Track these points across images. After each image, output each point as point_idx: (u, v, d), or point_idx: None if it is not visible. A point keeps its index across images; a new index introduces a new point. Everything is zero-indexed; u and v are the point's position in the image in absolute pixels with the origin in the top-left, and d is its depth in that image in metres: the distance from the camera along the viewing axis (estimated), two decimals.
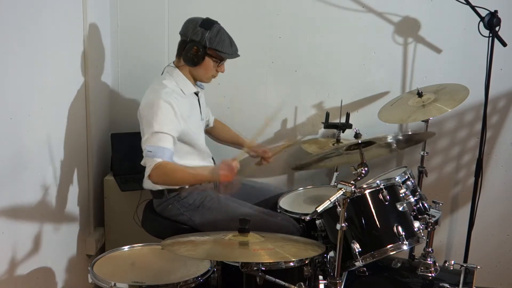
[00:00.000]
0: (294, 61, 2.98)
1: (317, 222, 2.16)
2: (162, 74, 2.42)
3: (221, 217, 2.34)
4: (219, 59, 2.32)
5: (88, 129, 2.67)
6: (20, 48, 2.01)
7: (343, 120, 2.84)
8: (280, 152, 2.69)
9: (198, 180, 2.28)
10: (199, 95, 2.46)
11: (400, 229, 1.93)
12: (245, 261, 1.82)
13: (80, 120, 2.60)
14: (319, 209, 1.77)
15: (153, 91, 2.29)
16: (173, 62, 2.40)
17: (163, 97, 2.23)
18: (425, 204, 2.12)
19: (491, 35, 2.59)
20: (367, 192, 1.97)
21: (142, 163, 2.23)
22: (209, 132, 2.76)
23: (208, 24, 2.28)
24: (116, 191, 2.79)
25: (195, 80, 2.41)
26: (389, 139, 2.18)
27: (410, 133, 2.09)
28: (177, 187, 2.34)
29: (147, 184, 2.42)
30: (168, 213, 2.40)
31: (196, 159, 2.40)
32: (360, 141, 2.04)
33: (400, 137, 2.21)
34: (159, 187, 2.36)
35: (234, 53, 2.34)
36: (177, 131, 2.25)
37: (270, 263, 1.96)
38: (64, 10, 2.38)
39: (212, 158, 2.55)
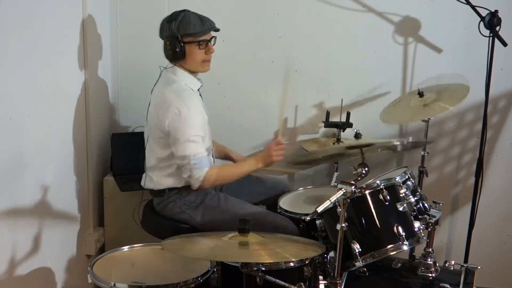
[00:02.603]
0: (294, 61, 2.98)
1: (317, 222, 2.16)
2: (160, 76, 2.40)
3: (222, 216, 2.34)
4: (198, 42, 2.29)
5: (88, 129, 2.67)
6: (20, 49, 2.01)
7: (344, 119, 2.84)
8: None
9: (248, 173, 2.40)
10: (200, 90, 2.46)
11: (400, 229, 1.93)
12: (245, 261, 1.82)
13: (80, 120, 2.60)
14: (319, 209, 1.77)
15: (172, 97, 2.26)
16: (169, 63, 2.39)
17: (186, 101, 2.25)
18: (426, 204, 2.12)
19: (491, 35, 2.59)
20: (367, 192, 1.97)
21: (185, 176, 2.28)
22: None
23: (172, 16, 2.29)
24: (116, 191, 2.79)
25: (194, 72, 2.39)
26: (395, 142, 2.17)
27: (411, 141, 2.10)
28: (179, 185, 2.35)
29: (148, 183, 2.42)
30: (168, 212, 2.39)
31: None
32: (360, 145, 2.03)
33: (401, 143, 2.21)
34: (160, 186, 2.36)
35: (207, 29, 2.30)
36: (204, 128, 2.31)
37: (270, 263, 1.95)
38: (63, 9, 2.38)
39: (212, 155, 2.54)
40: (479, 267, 2.04)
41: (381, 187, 1.98)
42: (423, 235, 1.99)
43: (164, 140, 2.30)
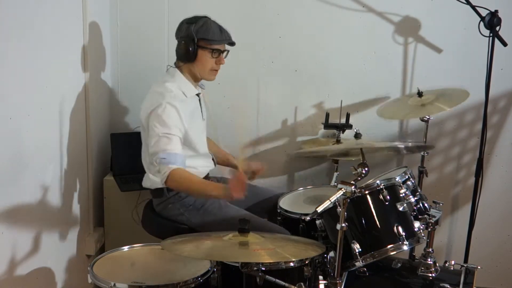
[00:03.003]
0: (294, 61, 2.98)
1: (317, 222, 2.16)
2: (166, 71, 2.41)
3: (221, 222, 2.33)
4: (211, 49, 2.30)
5: (88, 129, 2.67)
6: (20, 49, 2.01)
7: (343, 120, 2.84)
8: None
9: (208, 196, 2.29)
10: (200, 96, 2.46)
11: (400, 229, 1.93)
12: (245, 261, 1.82)
13: (80, 120, 2.60)
14: (319, 209, 1.77)
15: (156, 94, 2.28)
16: (174, 63, 2.40)
17: (168, 100, 2.23)
18: (426, 204, 2.12)
19: (491, 35, 2.59)
20: (367, 192, 1.97)
21: (150, 169, 2.25)
22: None
23: (194, 19, 2.30)
24: (116, 191, 2.79)
25: (198, 79, 2.40)
26: (397, 145, 2.17)
27: (410, 145, 2.11)
28: None
29: (147, 182, 2.41)
30: (167, 213, 2.39)
31: (197, 162, 2.40)
32: (360, 148, 2.03)
33: (402, 146, 2.21)
34: (159, 186, 2.36)
35: (225, 39, 2.32)
36: (182, 133, 2.26)
37: (270, 263, 1.95)
38: (63, 10, 2.38)
39: (213, 159, 2.54)
40: (479, 267, 2.04)
41: (381, 187, 1.98)
42: (423, 235, 1.99)
43: None
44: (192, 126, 2.34)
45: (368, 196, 1.97)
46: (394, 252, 1.94)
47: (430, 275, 2.04)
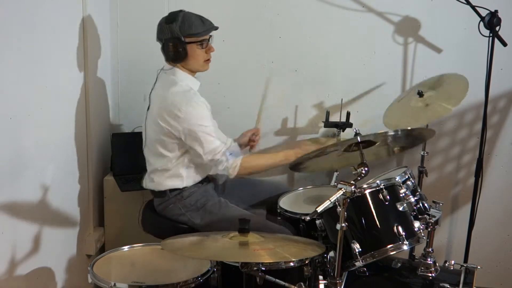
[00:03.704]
0: (294, 61, 2.98)
1: (317, 222, 2.16)
2: (157, 78, 2.39)
3: (221, 221, 2.33)
4: (200, 42, 2.30)
5: (88, 129, 2.67)
6: (20, 49, 2.01)
7: (344, 119, 2.84)
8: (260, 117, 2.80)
9: (277, 165, 2.45)
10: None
11: (400, 229, 1.93)
12: (245, 261, 1.82)
13: (80, 120, 2.60)
14: (319, 209, 1.77)
15: (177, 95, 2.26)
16: (170, 64, 2.38)
17: (192, 98, 2.27)
18: (425, 204, 2.12)
19: (491, 35, 2.59)
20: (367, 192, 1.97)
21: (221, 170, 2.32)
22: None
23: (171, 17, 2.29)
24: (116, 191, 2.79)
25: (194, 73, 2.40)
26: (389, 133, 2.15)
27: (409, 128, 2.08)
28: (180, 186, 2.36)
29: (148, 184, 2.42)
30: (168, 213, 2.39)
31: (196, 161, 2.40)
32: (358, 138, 2.02)
33: (399, 134, 2.19)
34: (161, 187, 2.36)
35: (209, 29, 2.31)
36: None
37: (270, 263, 1.95)
38: (63, 10, 2.38)
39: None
40: (479, 267, 2.05)
41: (381, 187, 1.98)
42: (423, 235, 1.99)
43: (172, 143, 2.30)
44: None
45: (368, 196, 1.97)
46: (394, 252, 1.94)
47: (430, 275, 2.05)
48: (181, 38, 2.25)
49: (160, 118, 2.27)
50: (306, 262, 2.01)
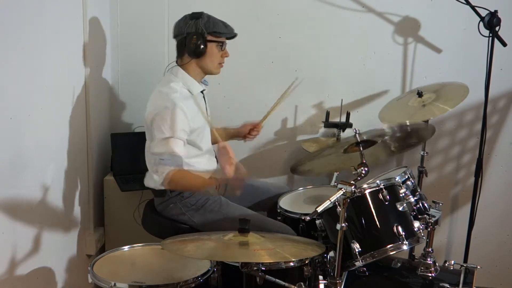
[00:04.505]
0: (294, 61, 2.98)
1: (317, 222, 2.16)
2: (164, 74, 2.41)
3: (222, 220, 2.33)
4: (220, 42, 2.33)
5: (88, 129, 2.67)
6: (20, 48, 2.01)
7: (343, 119, 2.84)
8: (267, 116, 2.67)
9: (206, 187, 2.27)
10: (204, 92, 2.46)
11: (400, 229, 1.93)
12: (245, 261, 1.82)
13: (80, 120, 2.60)
14: (319, 209, 1.77)
15: (162, 94, 2.28)
16: (176, 62, 2.39)
17: (174, 101, 2.23)
18: (425, 204, 2.12)
19: (491, 35, 2.59)
20: (367, 192, 1.97)
21: (151, 168, 2.25)
22: None
23: (196, 14, 2.31)
24: (116, 191, 2.79)
25: (204, 74, 2.40)
26: (386, 130, 2.16)
27: (408, 124, 2.08)
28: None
29: (150, 182, 2.41)
30: (168, 213, 2.39)
31: (201, 161, 2.40)
32: (358, 138, 2.02)
33: (398, 133, 2.19)
34: (161, 186, 2.36)
35: (231, 32, 2.36)
36: (187, 134, 2.27)
37: (270, 263, 1.95)
38: (64, 9, 2.38)
39: (215, 157, 2.55)
40: (478, 267, 2.04)
41: (381, 187, 1.98)
42: (422, 235, 1.99)
43: None
44: (197, 124, 2.34)
45: (368, 196, 1.97)
46: (394, 252, 1.94)
47: (429, 274, 2.05)
48: (204, 34, 2.28)
49: (146, 112, 2.30)
50: (306, 262, 2.01)
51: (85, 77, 2.62)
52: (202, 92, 2.44)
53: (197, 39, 2.28)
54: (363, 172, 1.93)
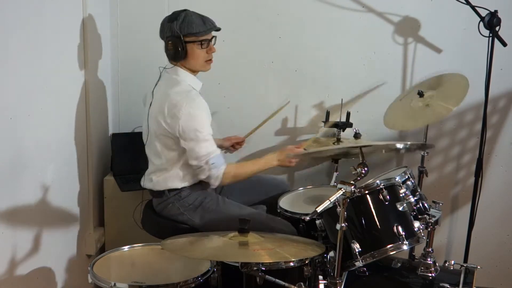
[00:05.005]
0: (294, 61, 2.98)
1: (317, 222, 2.16)
2: (160, 76, 2.39)
3: (220, 218, 2.34)
4: (200, 41, 2.30)
5: (88, 129, 2.67)
6: (20, 49, 2.01)
7: (344, 119, 2.84)
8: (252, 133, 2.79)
9: (260, 171, 2.43)
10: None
11: (400, 229, 1.93)
12: (245, 261, 1.82)
13: (80, 120, 2.60)
14: (319, 209, 1.77)
15: (179, 94, 2.26)
16: (172, 63, 2.38)
17: (194, 98, 2.26)
18: (425, 204, 2.12)
19: (491, 35, 2.59)
20: (367, 192, 1.97)
21: (203, 177, 2.32)
22: None
23: (173, 16, 2.30)
24: (116, 191, 2.80)
25: (195, 73, 2.39)
26: (398, 146, 2.16)
27: (408, 145, 2.09)
28: (179, 186, 2.36)
29: (147, 183, 2.42)
30: (167, 213, 2.40)
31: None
32: (360, 147, 2.02)
33: (400, 146, 2.20)
34: (159, 187, 2.36)
35: (209, 29, 2.31)
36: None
37: (270, 263, 1.95)
38: (64, 9, 2.38)
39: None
40: (478, 267, 2.04)
41: (381, 187, 1.98)
42: (422, 235, 1.99)
43: (171, 142, 2.30)
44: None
45: (368, 196, 1.97)
46: (394, 252, 1.93)
47: (429, 275, 2.04)
48: (180, 37, 2.25)
49: (160, 115, 2.27)
50: (306, 262, 2.01)
51: (85, 77, 2.62)
52: None
53: (174, 44, 2.27)
54: (363, 172, 1.93)
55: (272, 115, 2.80)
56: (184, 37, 2.26)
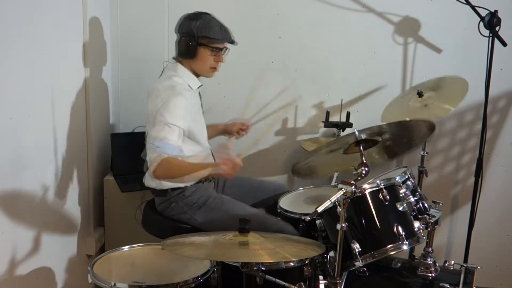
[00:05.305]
0: (294, 61, 2.98)
1: (317, 222, 2.16)
2: (162, 71, 2.41)
3: (223, 218, 2.33)
4: (213, 47, 2.31)
5: (88, 129, 2.67)
6: (20, 49, 2.01)
7: (343, 119, 2.84)
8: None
9: (199, 176, 2.26)
10: (199, 89, 2.46)
11: (400, 229, 1.93)
12: (245, 261, 1.82)
13: (80, 120, 2.60)
14: (319, 209, 1.77)
15: (167, 87, 2.28)
16: (174, 58, 2.39)
17: (179, 91, 2.24)
18: (425, 204, 2.12)
19: (491, 35, 2.59)
20: (367, 192, 1.97)
21: (144, 156, 2.25)
22: None
23: (195, 15, 2.30)
24: (116, 191, 2.80)
25: (197, 75, 2.40)
26: (384, 128, 2.13)
27: (408, 120, 2.06)
28: (182, 185, 2.35)
29: (149, 182, 2.41)
30: (170, 212, 2.39)
31: (199, 158, 2.40)
32: (356, 134, 2.01)
33: (396, 128, 2.18)
34: (162, 186, 2.36)
35: (226, 38, 2.32)
36: (187, 126, 2.27)
37: (270, 263, 1.95)
38: (64, 9, 2.38)
39: (212, 154, 2.55)
40: (478, 267, 2.05)
41: (381, 187, 1.98)
42: (422, 235, 1.99)
43: None
44: (196, 119, 2.36)
45: (368, 196, 1.97)
46: (394, 252, 1.94)
47: (429, 275, 2.05)
48: (195, 37, 2.27)
49: (148, 108, 2.29)
50: (306, 262, 2.01)
51: (85, 77, 2.62)
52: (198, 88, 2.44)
53: (187, 41, 2.28)
54: (363, 172, 1.93)
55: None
56: (199, 38, 2.27)
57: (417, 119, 2.15)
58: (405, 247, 1.93)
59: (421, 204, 2.10)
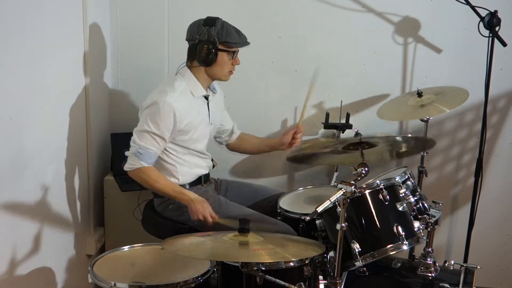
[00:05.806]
0: (294, 61, 2.98)
1: (317, 222, 2.16)
2: (176, 74, 2.41)
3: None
4: (232, 51, 2.32)
5: (88, 129, 2.67)
6: (20, 48, 2.01)
7: (343, 120, 2.84)
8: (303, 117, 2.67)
9: (167, 195, 2.33)
10: (209, 99, 2.45)
11: (400, 229, 1.93)
12: (245, 261, 1.82)
13: (80, 120, 2.60)
14: (319, 209, 1.77)
15: (160, 91, 2.29)
16: (186, 63, 2.39)
17: (167, 99, 2.23)
18: (425, 204, 2.12)
19: (491, 35, 2.59)
20: (367, 192, 1.97)
21: (126, 153, 2.30)
22: (237, 146, 2.73)
23: (210, 21, 2.29)
24: (116, 191, 2.80)
25: (212, 80, 2.40)
26: (397, 138, 2.16)
27: (410, 135, 2.09)
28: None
29: None
30: (168, 213, 2.40)
31: (192, 160, 2.41)
32: (360, 138, 2.02)
33: (399, 139, 2.20)
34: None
35: (244, 41, 2.35)
36: (172, 134, 2.28)
37: (270, 263, 1.95)
38: (64, 10, 2.38)
39: (212, 159, 2.55)
40: (478, 267, 2.05)
41: (381, 187, 1.98)
42: (422, 235, 2.00)
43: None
44: (194, 126, 2.34)
45: (368, 196, 1.97)
46: (394, 252, 1.94)
47: (429, 274, 2.05)
48: (216, 43, 2.26)
49: (142, 103, 2.33)
50: (306, 262, 2.01)
51: (85, 77, 2.62)
52: (206, 98, 2.43)
53: (208, 48, 2.27)
54: (363, 172, 1.93)
55: (311, 88, 2.66)
56: (219, 44, 2.27)
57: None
58: (405, 247, 1.93)
59: (421, 204, 2.10)
